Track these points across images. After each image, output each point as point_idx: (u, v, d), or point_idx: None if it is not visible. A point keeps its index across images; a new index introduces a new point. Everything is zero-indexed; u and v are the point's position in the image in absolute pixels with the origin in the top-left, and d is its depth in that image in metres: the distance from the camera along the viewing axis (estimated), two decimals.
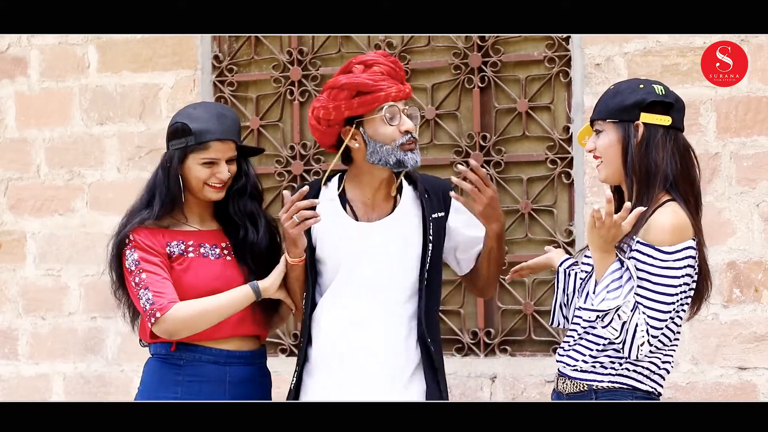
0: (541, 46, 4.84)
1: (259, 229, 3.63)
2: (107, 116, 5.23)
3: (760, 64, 4.52)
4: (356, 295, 3.47)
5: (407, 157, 3.44)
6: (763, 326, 4.51)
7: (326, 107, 3.44)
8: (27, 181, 5.32)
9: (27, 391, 5.26)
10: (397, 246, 3.48)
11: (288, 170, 5.07)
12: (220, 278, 3.56)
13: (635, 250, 3.17)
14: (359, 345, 3.46)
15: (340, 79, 3.44)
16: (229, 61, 5.19)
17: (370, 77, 3.42)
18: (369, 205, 3.52)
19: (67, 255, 5.24)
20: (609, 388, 3.24)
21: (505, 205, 4.86)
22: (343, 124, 3.45)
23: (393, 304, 3.48)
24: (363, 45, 5.03)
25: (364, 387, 3.44)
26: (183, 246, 3.55)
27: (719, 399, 4.49)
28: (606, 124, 3.27)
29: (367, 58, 3.48)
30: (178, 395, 3.52)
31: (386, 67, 3.46)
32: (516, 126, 4.87)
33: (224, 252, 3.60)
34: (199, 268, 3.55)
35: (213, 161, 3.55)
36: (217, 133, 3.56)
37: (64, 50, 5.29)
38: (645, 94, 3.24)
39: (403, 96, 3.46)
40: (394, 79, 3.46)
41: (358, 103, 3.42)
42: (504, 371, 4.80)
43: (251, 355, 3.62)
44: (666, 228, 3.16)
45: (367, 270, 3.48)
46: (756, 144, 4.53)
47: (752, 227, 4.53)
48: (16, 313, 5.30)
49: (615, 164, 3.26)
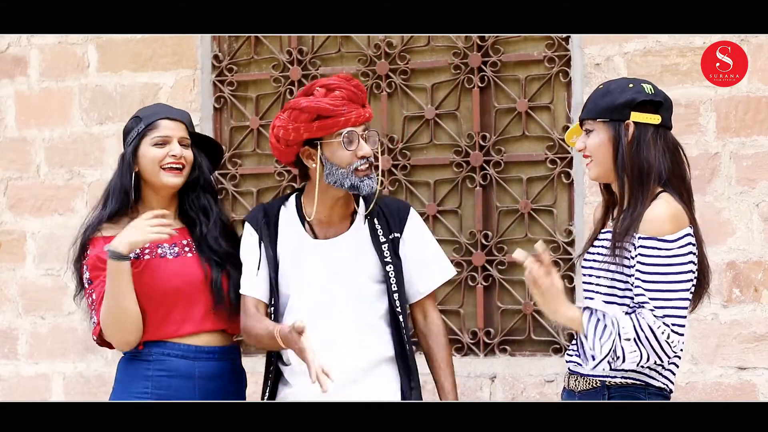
0: (541, 46, 4.84)
1: (209, 221, 3.63)
2: (107, 116, 5.23)
3: (760, 64, 4.52)
4: (313, 312, 3.48)
5: (363, 183, 3.47)
6: (763, 326, 4.51)
7: (286, 128, 3.46)
8: (27, 180, 5.32)
9: (27, 391, 5.26)
10: (348, 264, 3.51)
11: (287, 170, 5.07)
12: (178, 276, 3.56)
13: (639, 246, 3.19)
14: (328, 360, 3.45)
15: (301, 102, 3.45)
16: (229, 61, 5.19)
17: (331, 102, 3.44)
18: (325, 222, 3.55)
19: (67, 255, 5.23)
20: (622, 384, 3.26)
21: (505, 204, 4.86)
22: (302, 144, 3.48)
23: (358, 320, 3.50)
24: (363, 45, 5.03)
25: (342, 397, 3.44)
26: (138, 250, 3.54)
27: (719, 399, 4.49)
28: (596, 124, 3.30)
29: (329, 81, 3.49)
30: (149, 390, 3.54)
31: (348, 91, 3.48)
32: (516, 126, 4.87)
33: (185, 249, 3.60)
34: (157, 269, 3.55)
35: (164, 140, 3.57)
36: (165, 112, 3.63)
37: (64, 50, 5.28)
38: (635, 94, 3.28)
39: (362, 120, 3.48)
40: (355, 104, 3.48)
41: (317, 126, 3.44)
42: (504, 371, 4.80)
43: (220, 351, 3.62)
44: (664, 218, 3.19)
45: (318, 288, 3.50)
46: (756, 144, 4.54)
47: (752, 227, 4.53)
48: (15, 312, 5.30)
49: (605, 163, 3.29)
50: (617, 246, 3.22)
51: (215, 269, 3.58)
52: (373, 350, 3.50)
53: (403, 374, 3.52)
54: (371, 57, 5.00)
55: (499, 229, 4.86)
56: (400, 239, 3.58)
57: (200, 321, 3.58)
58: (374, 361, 3.50)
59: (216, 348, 3.60)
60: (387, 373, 3.52)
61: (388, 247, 3.54)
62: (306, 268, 3.51)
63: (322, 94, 3.46)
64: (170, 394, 3.54)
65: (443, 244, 4.87)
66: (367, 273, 3.53)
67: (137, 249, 3.50)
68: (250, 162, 5.16)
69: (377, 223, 3.57)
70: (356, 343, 3.47)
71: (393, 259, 3.54)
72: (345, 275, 3.51)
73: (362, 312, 3.50)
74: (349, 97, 3.47)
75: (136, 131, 3.59)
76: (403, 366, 3.52)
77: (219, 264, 3.60)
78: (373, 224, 3.56)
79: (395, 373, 3.52)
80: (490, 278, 4.86)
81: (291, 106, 3.47)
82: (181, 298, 3.55)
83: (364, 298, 3.51)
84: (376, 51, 5.01)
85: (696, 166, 4.56)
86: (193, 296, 3.56)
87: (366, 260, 3.53)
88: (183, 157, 3.59)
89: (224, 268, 3.60)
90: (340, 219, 3.56)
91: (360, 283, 3.52)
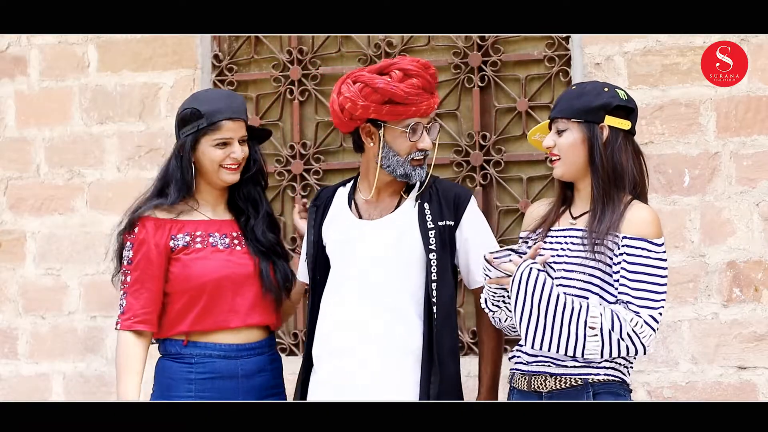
0: (541, 46, 4.84)
1: (258, 214, 3.65)
2: (107, 116, 5.22)
3: (760, 64, 4.52)
4: (352, 294, 3.47)
5: (414, 172, 3.46)
6: (763, 326, 4.51)
7: (354, 102, 3.43)
8: (27, 180, 5.32)
9: (27, 391, 5.25)
10: (390, 245, 3.48)
11: (288, 169, 5.06)
12: (226, 267, 3.57)
13: (626, 246, 3.27)
14: (350, 344, 3.46)
15: (377, 81, 3.42)
16: (229, 61, 5.18)
17: (407, 89, 3.41)
18: (372, 202, 3.53)
19: (67, 254, 5.23)
20: (605, 380, 3.29)
21: (505, 204, 4.86)
22: (365, 121, 3.45)
23: (389, 305, 3.47)
24: (363, 45, 5.03)
25: (359, 385, 3.44)
26: (189, 237, 3.57)
27: (719, 399, 4.49)
28: (570, 123, 3.38)
29: (408, 67, 3.45)
30: (192, 393, 3.53)
31: (424, 80, 3.45)
32: (516, 125, 4.87)
33: (234, 241, 3.62)
34: (207, 258, 3.57)
35: (226, 141, 3.57)
36: (228, 111, 3.58)
37: (64, 50, 5.28)
38: (610, 98, 3.37)
39: (430, 111, 3.48)
40: (428, 93, 3.46)
41: (387, 110, 3.42)
42: (503, 371, 4.79)
43: (260, 345, 3.62)
44: (650, 220, 3.32)
45: (358, 267, 3.48)
46: (756, 143, 4.54)
47: (752, 227, 4.53)
48: (15, 312, 5.30)
49: (576, 163, 3.37)
50: (596, 243, 3.26)
51: (263, 260, 3.60)
52: (397, 337, 3.45)
53: (424, 367, 3.46)
54: (371, 57, 5.00)
55: (499, 229, 4.86)
56: (455, 228, 3.53)
57: (246, 314, 3.58)
58: (396, 349, 3.46)
59: (255, 344, 3.61)
60: (407, 365, 3.47)
61: (435, 234, 3.49)
62: (349, 248, 3.51)
63: (398, 78, 3.43)
64: (213, 395, 3.53)
65: None
66: (407, 258, 3.48)
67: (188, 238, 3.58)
68: None
69: (428, 207, 3.53)
70: (381, 329, 3.44)
71: (438, 247, 3.48)
72: (384, 257, 3.48)
73: (395, 297, 3.46)
74: (423, 86, 3.45)
75: (196, 126, 3.57)
76: (427, 358, 3.46)
77: (265, 255, 3.61)
78: (422, 208, 3.52)
79: (417, 364, 3.46)
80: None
81: (366, 81, 3.43)
82: (229, 288, 3.56)
83: (399, 282, 3.47)
84: (376, 51, 5.00)
85: (696, 166, 4.57)
86: (241, 287, 3.57)
87: (408, 244, 3.49)
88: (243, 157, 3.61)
89: (270, 259, 3.62)
90: (390, 198, 3.54)
91: (398, 267, 3.48)
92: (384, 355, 3.44)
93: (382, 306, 3.45)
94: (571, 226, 3.41)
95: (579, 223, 3.40)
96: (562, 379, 3.32)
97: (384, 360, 3.44)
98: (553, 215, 3.45)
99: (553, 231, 3.42)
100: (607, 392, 3.31)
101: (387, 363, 3.44)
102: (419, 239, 3.48)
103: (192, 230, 3.59)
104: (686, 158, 4.58)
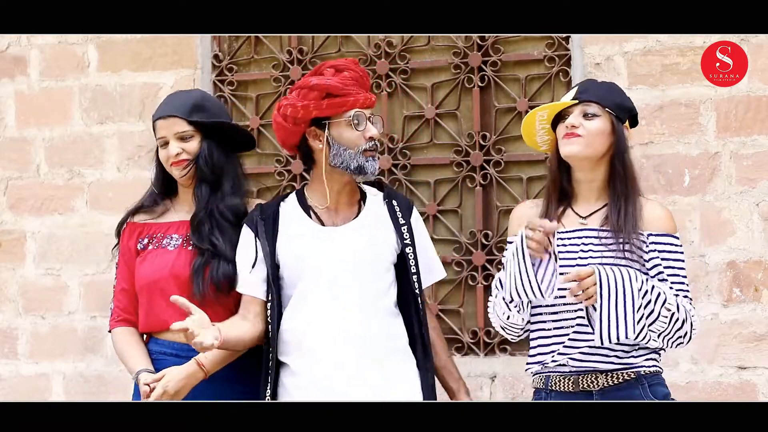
0: (541, 46, 4.85)
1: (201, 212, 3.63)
2: (107, 115, 5.23)
3: (760, 64, 4.52)
4: (325, 299, 3.47)
5: (368, 164, 3.49)
6: (763, 326, 4.51)
7: (294, 105, 3.49)
8: (27, 180, 5.32)
9: (27, 391, 5.26)
10: (367, 249, 3.50)
11: (288, 169, 5.07)
12: (166, 268, 3.59)
13: (657, 243, 3.31)
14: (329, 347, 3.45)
15: (311, 80, 3.50)
16: (229, 61, 5.19)
17: (341, 81, 3.49)
18: (332, 209, 3.54)
19: (67, 254, 5.24)
20: (655, 372, 3.35)
21: (505, 204, 4.86)
22: (309, 125, 3.50)
23: (369, 311, 3.48)
24: (363, 45, 5.03)
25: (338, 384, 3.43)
26: (148, 240, 3.65)
27: (719, 399, 4.50)
28: (605, 112, 3.38)
29: (338, 63, 3.56)
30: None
31: (356, 73, 3.53)
32: (516, 125, 4.86)
33: (185, 241, 3.62)
34: (154, 259, 3.62)
35: (163, 140, 3.62)
36: (159, 111, 3.67)
37: (64, 50, 5.28)
38: (632, 105, 3.46)
39: (369, 104, 3.53)
40: (362, 87, 3.53)
41: (327, 104, 3.47)
42: (504, 371, 4.80)
43: None
44: (668, 216, 3.38)
45: (335, 274, 3.48)
46: (756, 143, 4.54)
47: (752, 227, 4.53)
48: (15, 312, 5.30)
49: (596, 150, 3.36)
50: (626, 242, 3.27)
51: (199, 259, 3.58)
52: (391, 336, 3.49)
53: (420, 356, 3.52)
54: (371, 57, 5.01)
55: (499, 229, 4.86)
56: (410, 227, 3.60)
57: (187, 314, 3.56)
58: (393, 347, 3.49)
59: None
60: (405, 358, 3.51)
61: (406, 229, 3.56)
62: (316, 257, 3.49)
63: (331, 74, 3.51)
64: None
65: (443, 244, 4.89)
66: (383, 258, 3.52)
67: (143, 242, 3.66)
68: (251, 162, 5.15)
69: (396, 205, 3.60)
70: (374, 332, 3.45)
71: (411, 240, 3.56)
72: (359, 261, 3.49)
73: (379, 298, 3.49)
74: (356, 80, 3.52)
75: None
76: (422, 348, 3.52)
77: (202, 254, 3.59)
78: (392, 205, 3.59)
79: (406, 361, 3.50)
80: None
81: (300, 84, 3.51)
82: (169, 289, 3.55)
83: (379, 283, 3.50)
84: (376, 51, 5.01)
85: (696, 166, 4.58)
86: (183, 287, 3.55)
87: (382, 244, 3.52)
88: (181, 153, 3.60)
89: (209, 258, 3.58)
90: (348, 206, 3.56)
91: (376, 269, 3.50)
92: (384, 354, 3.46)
93: (367, 309, 3.47)
94: (581, 226, 3.37)
95: (591, 223, 3.37)
96: (615, 375, 3.31)
97: (384, 358, 3.45)
98: (553, 216, 3.40)
99: (562, 233, 3.35)
100: (658, 384, 3.33)
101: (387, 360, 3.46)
102: (393, 236, 3.53)
103: (155, 232, 3.67)
104: (686, 158, 4.59)
